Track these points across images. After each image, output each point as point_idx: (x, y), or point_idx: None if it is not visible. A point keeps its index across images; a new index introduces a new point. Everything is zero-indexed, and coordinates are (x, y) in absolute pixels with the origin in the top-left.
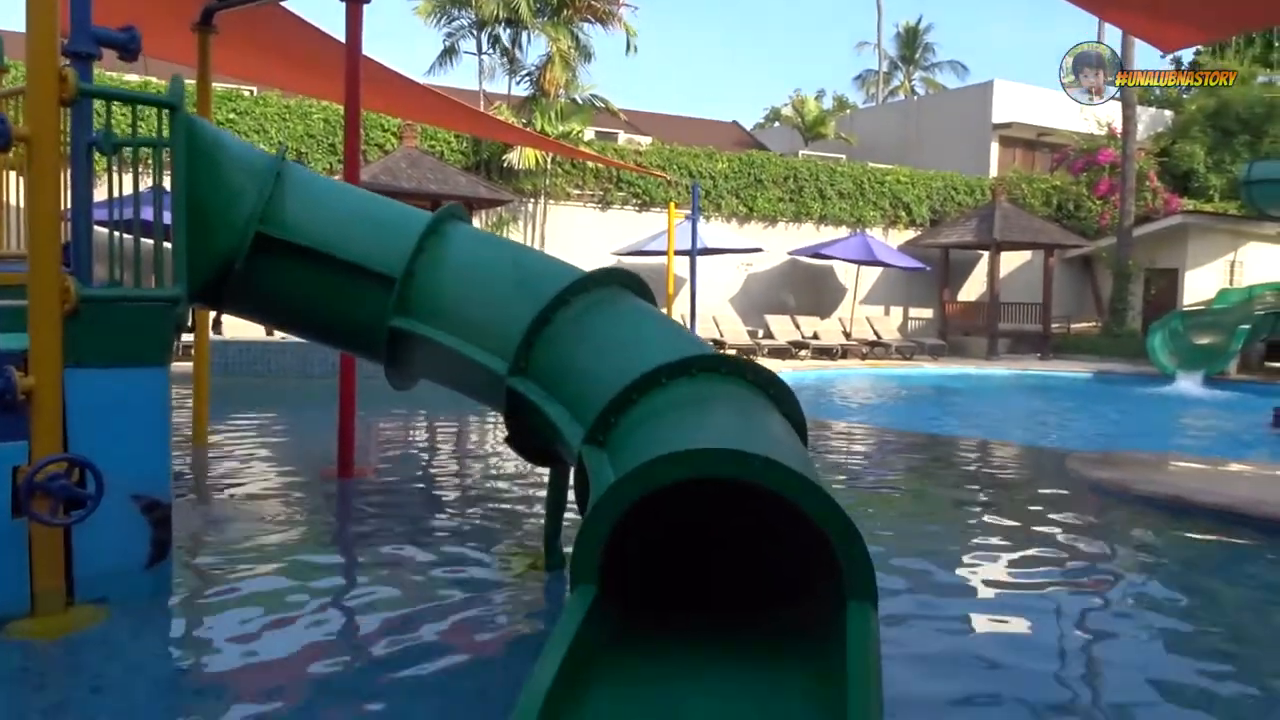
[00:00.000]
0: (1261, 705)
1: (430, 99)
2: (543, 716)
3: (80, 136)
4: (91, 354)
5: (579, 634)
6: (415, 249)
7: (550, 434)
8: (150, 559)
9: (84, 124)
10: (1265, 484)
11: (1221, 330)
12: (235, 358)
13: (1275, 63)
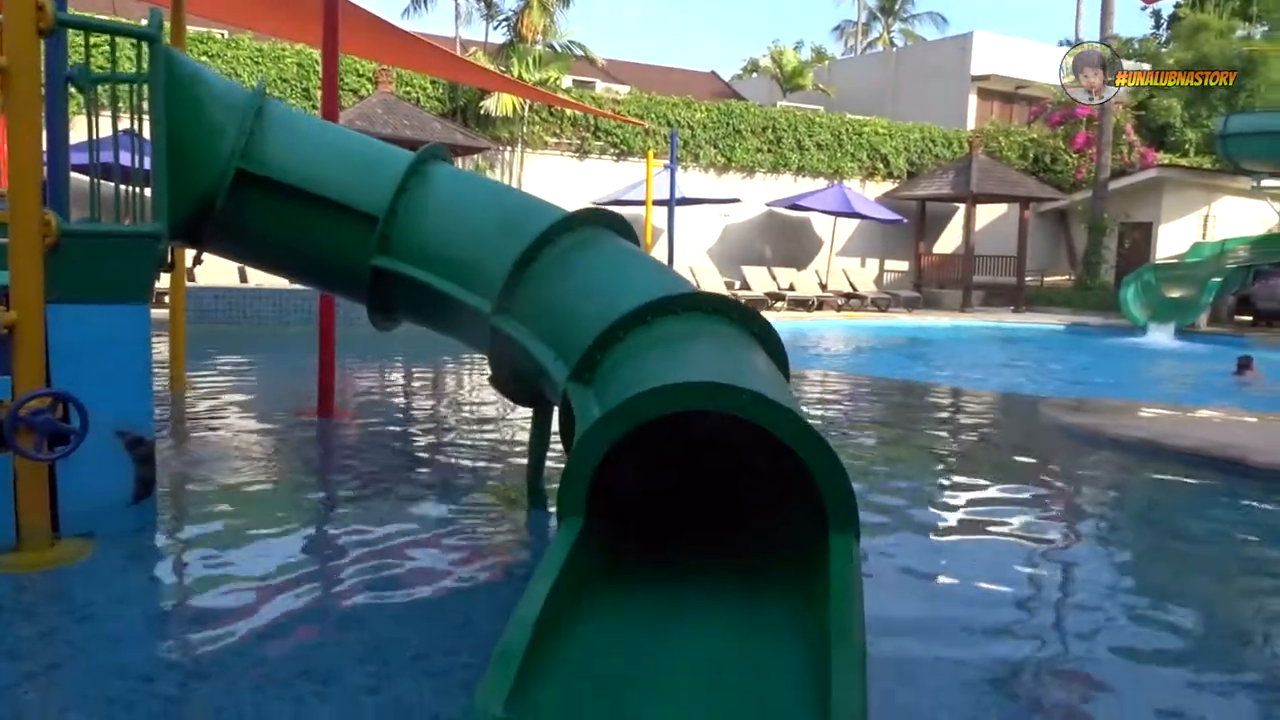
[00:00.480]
0: (1216, 625)
1: (408, 42)
2: (531, 646)
3: (56, 70)
4: (73, 290)
5: (566, 566)
6: (398, 188)
7: (534, 373)
8: (135, 495)
9: (60, 57)
10: (1231, 428)
11: (1193, 283)
12: (210, 304)
13: (1253, 15)
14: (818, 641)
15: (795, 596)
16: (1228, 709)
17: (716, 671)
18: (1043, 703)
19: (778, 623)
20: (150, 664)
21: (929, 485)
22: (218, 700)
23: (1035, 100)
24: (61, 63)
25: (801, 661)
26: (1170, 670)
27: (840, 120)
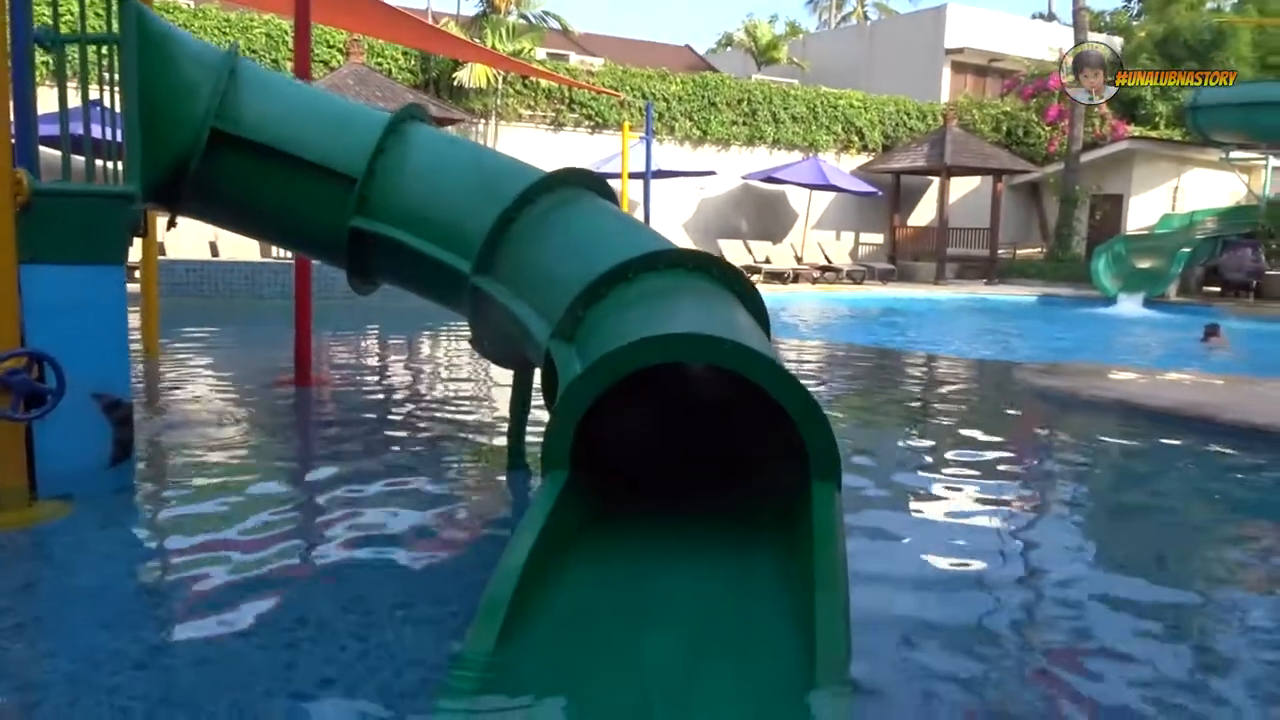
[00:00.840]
0: (1182, 569)
1: (380, 11)
2: (519, 593)
3: (22, 29)
4: (46, 250)
5: (552, 517)
6: (375, 148)
7: (516, 333)
8: (113, 458)
9: (25, 14)
10: (1201, 389)
11: (1162, 254)
12: (182, 278)
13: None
14: (801, 588)
15: (780, 546)
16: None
17: (702, 616)
18: (1013, 656)
19: (763, 571)
20: (134, 616)
21: (905, 446)
22: (201, 650)
23: (1008, 74)
24: (27, 20)
25: (786, 606)
26: (1128, 616)
27: (815, 93)
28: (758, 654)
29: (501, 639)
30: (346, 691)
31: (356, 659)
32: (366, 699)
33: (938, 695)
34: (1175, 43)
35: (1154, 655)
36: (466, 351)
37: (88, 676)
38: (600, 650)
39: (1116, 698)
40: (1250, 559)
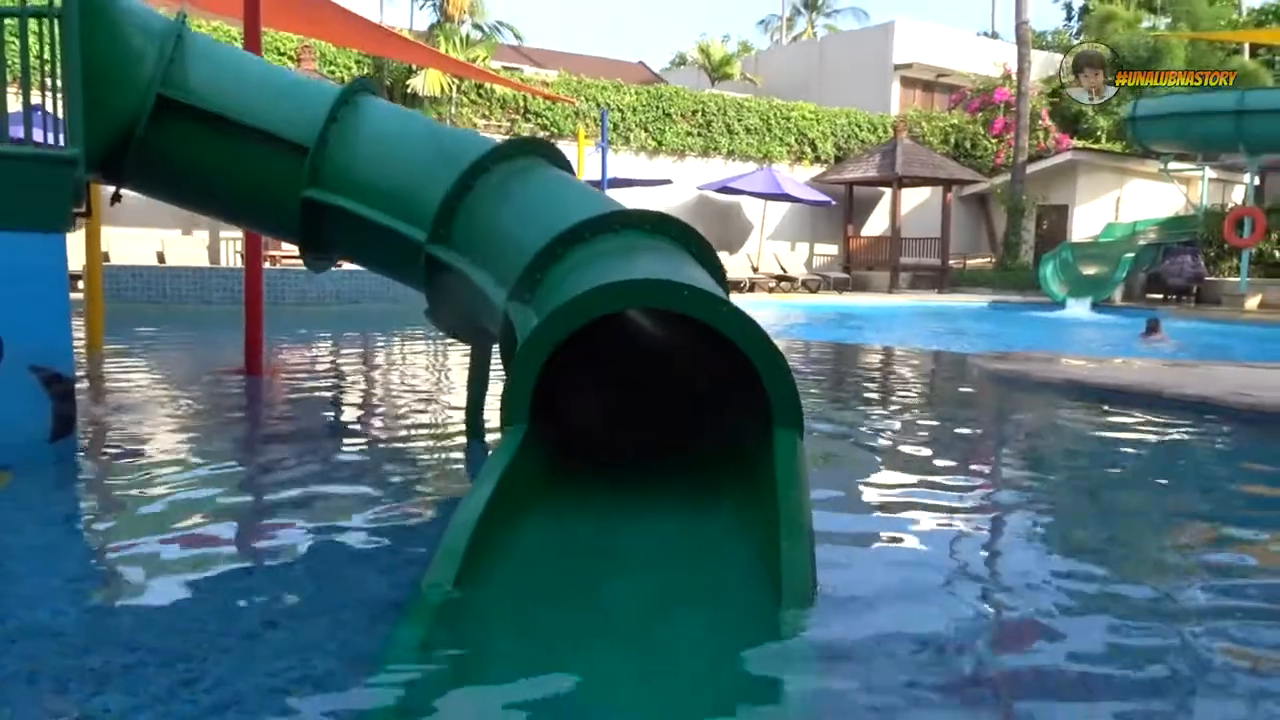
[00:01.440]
0: (1129, 524)
1: (332, 13)
2: (479, 538)
3: None
4: None
5: (511, 470)
6: (328, 118)
7: (473, 301)
8: (53, 433)
9: None
10: (1145, 371)
11: (1107, 261)
12: (128, 283)
13: (1158, 7)
14: (765, 532)
15: (743, 496)
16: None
17: (667, 556)
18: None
19: (726, 517)
20: (82, 571)
21: (862, 426)
22: (147, 598)
23: (955, 89)
24: None
25: (749, 549)
26: (1087, 570)
27: (768, 105)
28: (723, 589)
29: (460, 581)
30: (294, 631)
31: (305, 603)
32: (316, 635)
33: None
34: (1114, 59)
35: (1103, 609)
36: (422, 349)
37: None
38: (562, 588)
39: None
40: (1193, 515)
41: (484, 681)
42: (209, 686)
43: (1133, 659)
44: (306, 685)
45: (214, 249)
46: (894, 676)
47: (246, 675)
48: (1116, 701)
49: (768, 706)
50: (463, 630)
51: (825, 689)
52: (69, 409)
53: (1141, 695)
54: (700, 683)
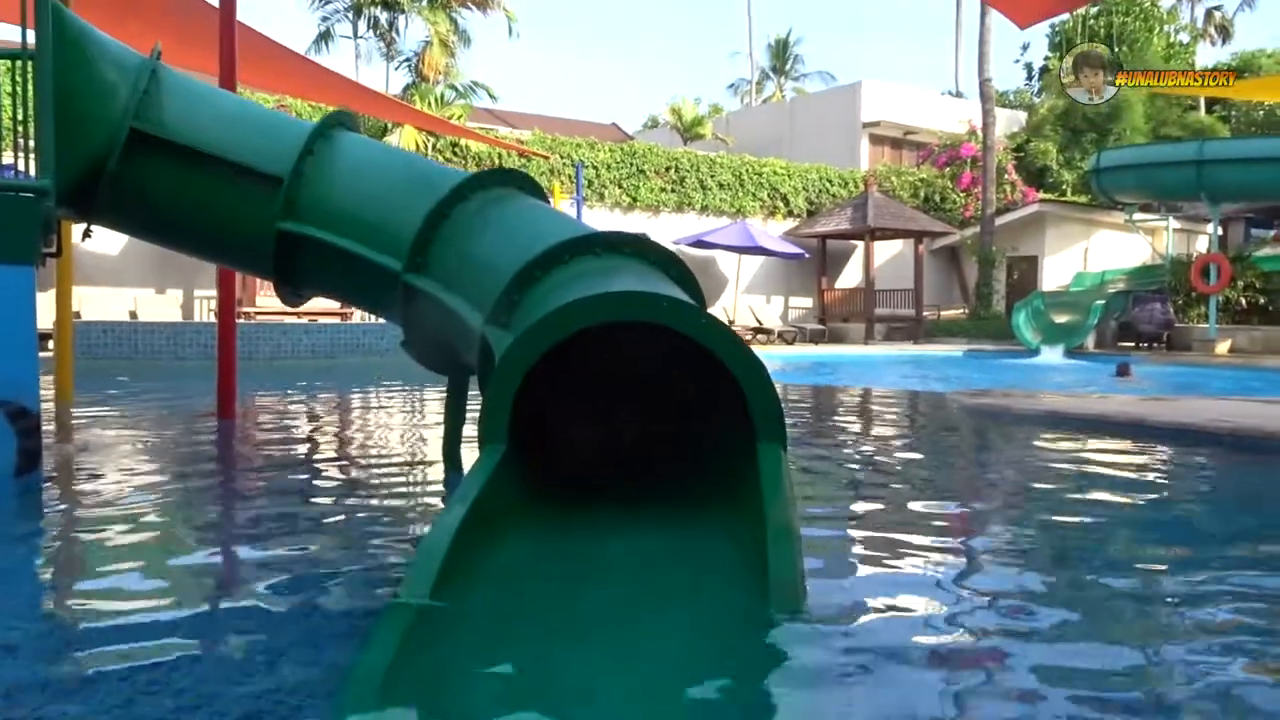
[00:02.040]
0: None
1: (307, 71)
2: (449, 560)
3: None
4: None
5: (489, 489)
6: (303, 150)
7: (450, 329)
8: (18, 468)
9: None
10: (1123, 404)
11: (1079, 309)
12: (99, 339)
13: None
14: (750, 545)
15: (728, 509)
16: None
17: (651, 567)
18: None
19: (712, 528)
20: (39, 593)
21: (844, 452)
22: (112, 619)
23: (922, 145)
24: None
25: (737, 556)
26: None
27: (740, 161)
28: (709, 593)
29: (435, 596)
30: (263, 647)
31: (277, 617)
32: (290, 644)
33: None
34: (1075, 116)
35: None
36: (399, 397)
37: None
38: (542, 600)
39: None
40: (1190, 529)
41: (458, 692)
42: (172, 694)
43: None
44: (275, 697)
45: (187, 307)
46: (882, 690)
47: (211, 684)
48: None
49: (755, 709)
50: (436, 642)
51: (811, 697)
52: (34, 444)
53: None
54: (683, 686)
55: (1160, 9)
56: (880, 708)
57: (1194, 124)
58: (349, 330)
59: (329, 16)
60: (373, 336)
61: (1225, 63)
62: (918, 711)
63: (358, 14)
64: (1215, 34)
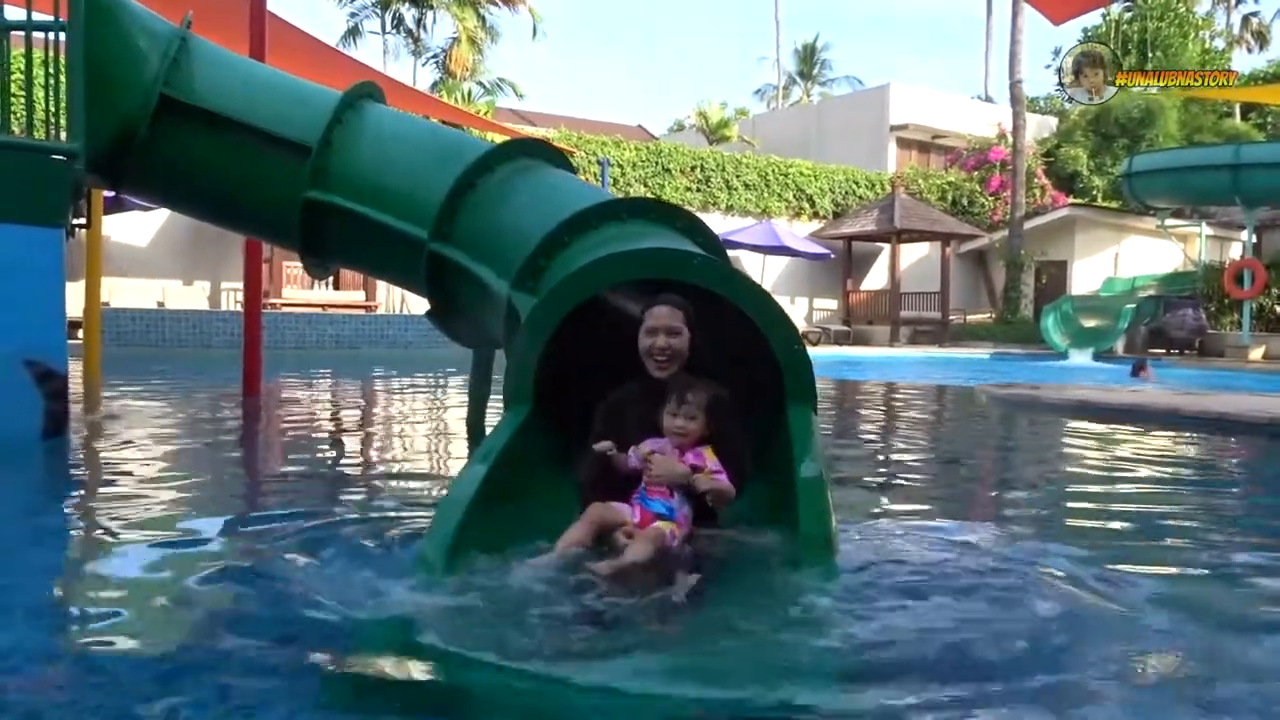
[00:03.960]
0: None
1: (335, 62)
2: (469, 515)
3: None
4: None
5: (514, 447)
6: (331, 120)
7: (476, 297)
8: (45, 430)
9: None
10: (1152, 394)
11: (1108, 314)
12: (127, 326)
13: (1150, 71)
14: (778, 503)
15: (756, 472)
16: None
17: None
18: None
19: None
20: (74, 535)
21: (876, 443)
22: (135, 576)
23: (950, 150)
24: None
25: (764, 507)
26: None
27: (766, 161)
28: (737, 553)
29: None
30: (279, 613)
31: (296, 571)
32: (309, 599)
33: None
34: (1107, 121)
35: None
36: (423, 383)
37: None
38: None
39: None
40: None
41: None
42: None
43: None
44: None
45: (214, 297)
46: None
47: (223, 672)
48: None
49: (796, 666)
50: (455, 606)
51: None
52: (61, 407)
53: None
54: (716, 641)
55: (1195, 14)
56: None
57: (1229, 130)
58: (373, 321)
59: (357, 13)
60: (396, 328)
61: (1262, 70)
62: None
63: (385, 8)
64: (1252, 40)
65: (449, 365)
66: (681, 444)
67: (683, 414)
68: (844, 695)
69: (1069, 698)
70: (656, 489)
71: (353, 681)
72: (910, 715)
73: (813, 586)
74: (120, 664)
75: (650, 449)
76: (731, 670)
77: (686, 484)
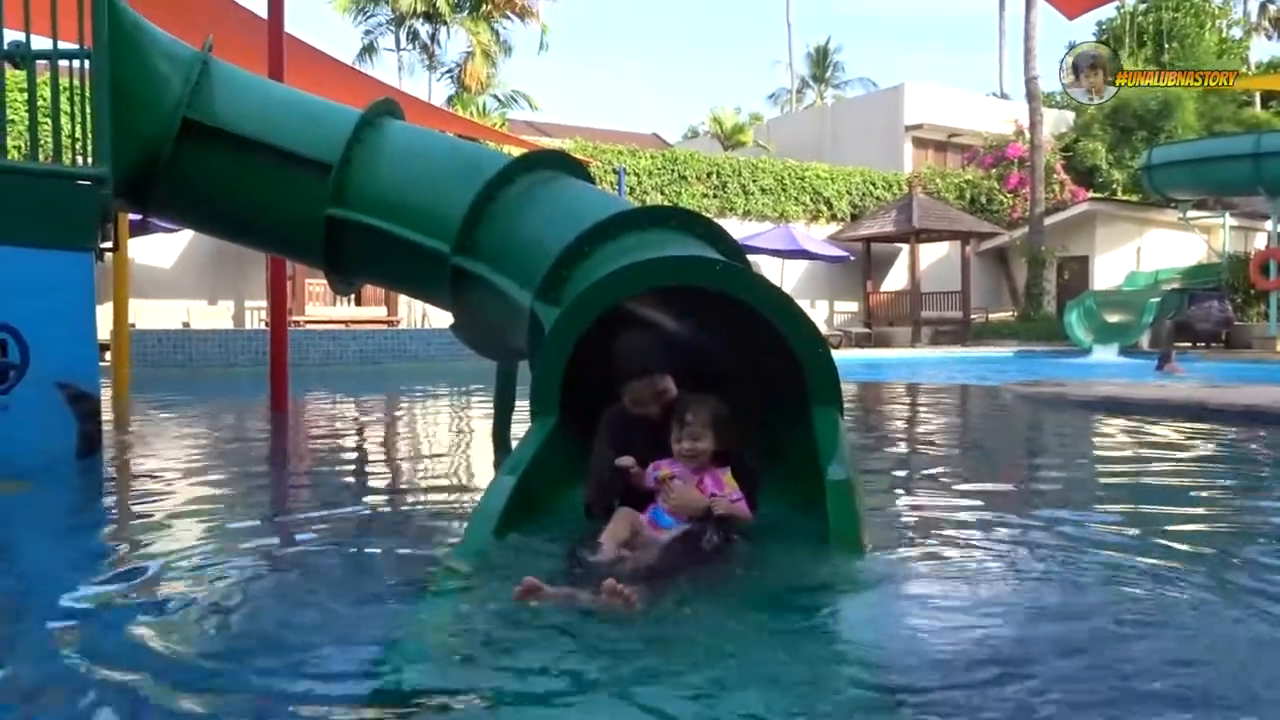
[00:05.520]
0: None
1: (357, 81)
2: (500, 524)
3: None
4: (9, 231)
5: (540, 458)
6: (351, 138)
7: (499, 309)
8: (79, 450)
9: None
10: (1180, 389)
11: (1132, 308)
12: (154, 347)
13: (1166, 63)
14: (810, 499)
15: (783, 473)
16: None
17: None
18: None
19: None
20: (112, 555)
21: (907, 441)
22: (176, 588)
23: (967, 148)
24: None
25: (793, 510)
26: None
27: (783, 165)
28: (767, 552)
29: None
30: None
31: (328, 579)
32: (344, 606)
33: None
34: (1125, 114)
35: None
36: (445, 398)
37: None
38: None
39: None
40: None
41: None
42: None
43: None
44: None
45: (238, 317)
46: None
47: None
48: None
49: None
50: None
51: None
52: (94, 427)
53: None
54: (746, 633)
55: (1212, 3)
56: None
57: (1249, 120)
58: (395, 336)
59: (372, 30)
60: (419, 342)
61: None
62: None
63: (399, 25)
64: (1271, 27)
65: (472, 378)
66: (697, 467)
67: (687, 435)
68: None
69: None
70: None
71: (392, 698)
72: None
73: (842, 591)
74: (162, 678)
75: (670, 471)
76: (759, 681)
77: (704, 514)
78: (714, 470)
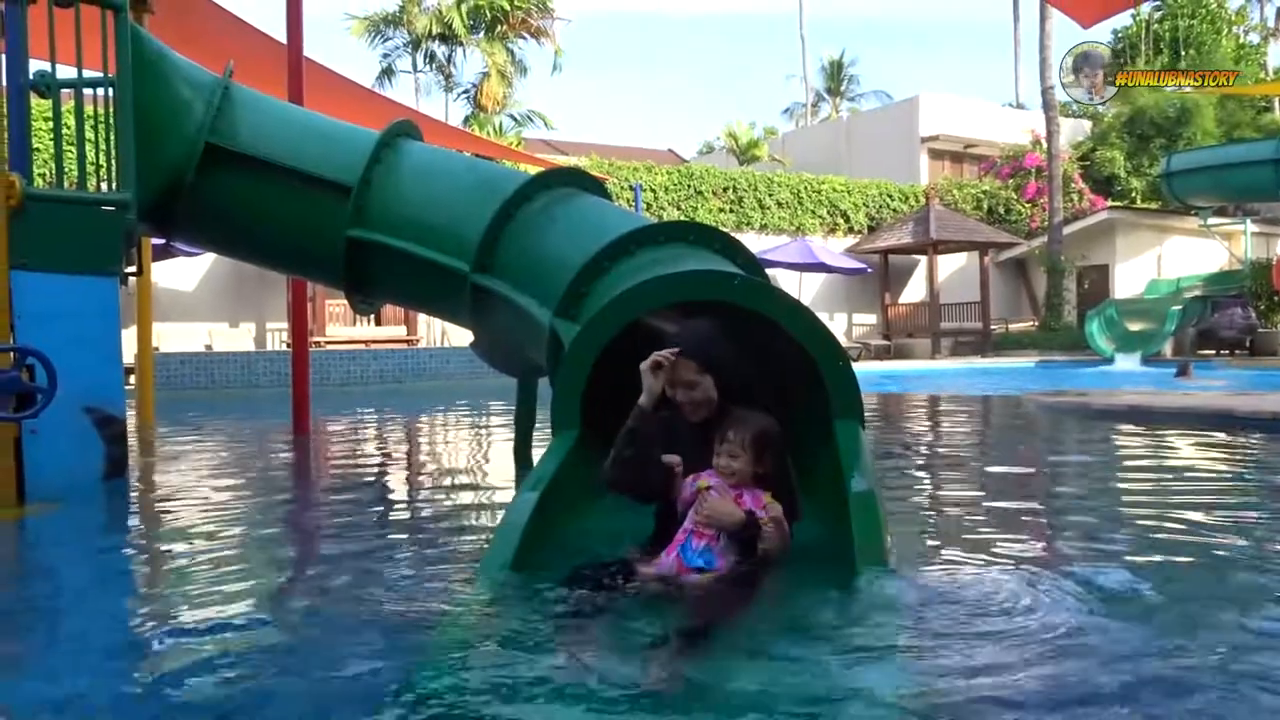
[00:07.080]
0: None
1: (375, 103)
2: (524, 540)
3: (16, 31)
4: (38, 257)
5: (562, 474)
6: (370, 159)
7: (519, 326)
8: (105, 473)
9: (19, 22)
10: (1204, 397)
11: (1154, 316)
12: (177, 370)
13: (1183, 69)
14: (833, 513)
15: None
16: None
17: None
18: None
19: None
20: (141, 575)
21: (925, 450)
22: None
23: (984, 158)
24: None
25: (817, 526)
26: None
27: (799, 179)
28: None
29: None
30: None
31: (352, 603)
32: (369, 632)
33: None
34: (1142, 121)
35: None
36: (467, 416)
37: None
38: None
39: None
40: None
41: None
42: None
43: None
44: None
45: (260, 338)
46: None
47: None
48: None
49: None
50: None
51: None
52: (120, 451)
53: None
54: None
55: (1228, 9)
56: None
57: (1269, 125)
58: (415, 355)
59: (389, 53)
60: (439, 360)
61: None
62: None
63: (416, 47)
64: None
65: (492, 395)
66: (736, 484)
67: (724, 452)
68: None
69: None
70: (703, 533)
71: (421, 711)
72: None
73: (869, 611)
74: (193, 703)
75: (709, 483)
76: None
77: (739, 530)
78: (754, 489)
